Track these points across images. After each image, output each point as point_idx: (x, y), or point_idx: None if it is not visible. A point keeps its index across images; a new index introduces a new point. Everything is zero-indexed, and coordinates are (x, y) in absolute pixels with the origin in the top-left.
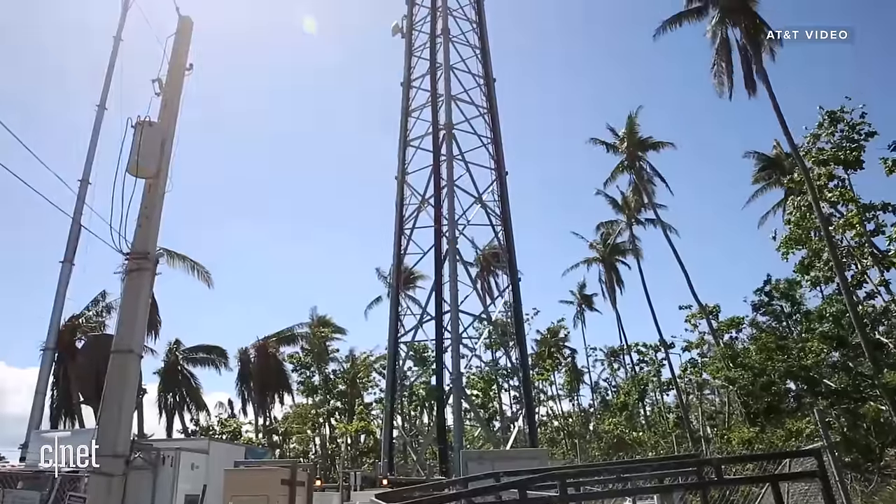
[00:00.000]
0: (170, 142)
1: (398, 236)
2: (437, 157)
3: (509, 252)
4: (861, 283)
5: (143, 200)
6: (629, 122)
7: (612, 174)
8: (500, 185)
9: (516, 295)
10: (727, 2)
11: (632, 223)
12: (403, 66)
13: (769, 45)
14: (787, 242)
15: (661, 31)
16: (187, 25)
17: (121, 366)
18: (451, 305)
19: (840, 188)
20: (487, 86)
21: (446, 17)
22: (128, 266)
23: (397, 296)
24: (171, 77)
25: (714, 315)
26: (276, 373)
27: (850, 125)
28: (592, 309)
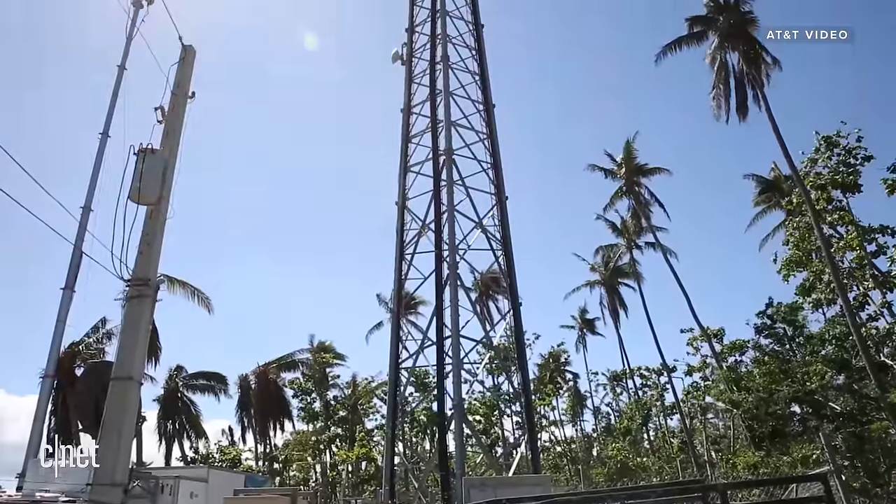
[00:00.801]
0: (172, 169)
1: (399, 261)
2: (438, 183)
3: (510, 276)
4: (863, 305)
5: (144, 227)
6: (627, 148)
7: (610, 199)
8: (500, 210)
9: (517, 320)
10: (727, 27)
11: (631, 247)
12: (404, 93)
13: (767, 69)
14: (787, 265)
15: (662, 55)
16: (190, 54)
17: (120, 393)
18: (453, 330)
19: (839, 210)
20: (487, 112)
21: (445, 44)
22: (128, 292)
23: (398, 321)
24: (173, 105)
25: (718, 338)
26: (276, 399)
27: (846, 150)
28: (594, 333)
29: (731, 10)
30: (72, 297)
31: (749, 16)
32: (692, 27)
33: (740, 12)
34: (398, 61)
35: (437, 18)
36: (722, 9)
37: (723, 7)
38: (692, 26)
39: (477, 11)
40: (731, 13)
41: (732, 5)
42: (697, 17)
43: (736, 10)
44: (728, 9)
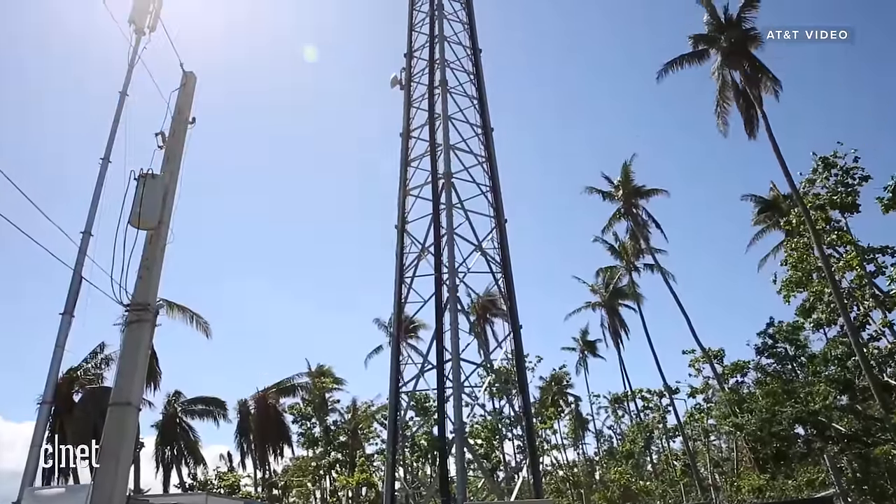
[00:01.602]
0: (172, 194)
1: (398, 285)
2: (437, 206)
3: (510, 299)
4: (864, 324)
5: (144, 252)
6: (624, 170)
7: (609, 221)
8: (499, 233)
9: (518, 342)
10: (728, 46)
11: (630, 269)
12: (402, 117)
13: (772, 85)
14: (787, 285)
15: (664, 73)
16: (191, 81)
17: (119, 419)
18: (453, 354)
19: (838, 230)
20: (485, 135)
21: (444, 68)
22: (128, 317)
23: (398, 345)
24: (174, 130)
25: (718, 359)
26: (275, 424)
27: (843, 170)
28: (595, 355)
29: (732, 28)
30: (71, 323)
31: (752, 32)
32: (696, 45)
33: (742, 30)
34: (397, 86)
35: (436, 44)
36: (723, 27)
37: (724, 26)
38: (696, 44)
39: (475, 37)
40: (733, 31)
41: (734, 23)
42: (700, 36)
43: (737, 28)
44: (730, 27)
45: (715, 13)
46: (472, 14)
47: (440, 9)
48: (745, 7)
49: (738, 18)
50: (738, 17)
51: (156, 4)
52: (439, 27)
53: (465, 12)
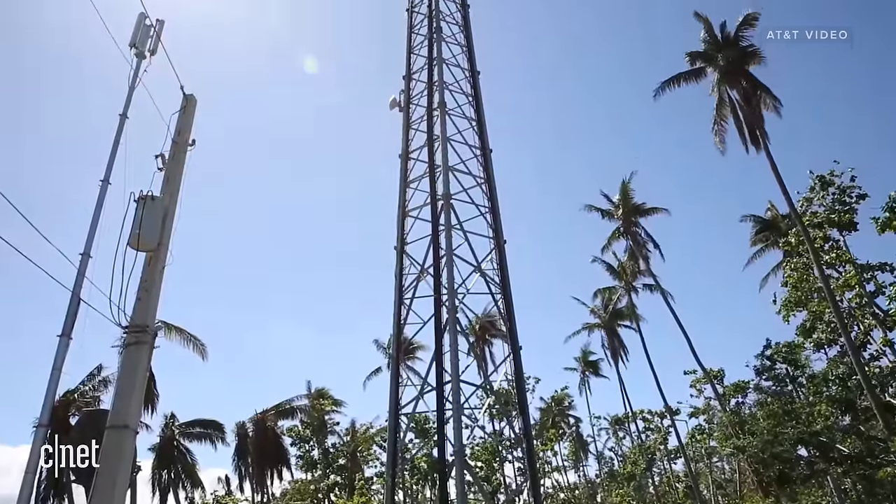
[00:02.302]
0: (171, 216)
1: (398, 306)
2: (436, 227)
3: (510, 320)
4: (865, 344)
5: (143, 274)
6: (623, 189)
7: (608, 241)
8: (498, 254)
9: (518, 364)
10: (726, 65)
11: (630, 290)
12: (402, 139)
13: (771, 102)
14: (787, 305)
15: (660, 91)
16: (191, 103)
17: (116, 442)
18: (453, 375)
19: (836, 249)
20: (484, 156)
21: (442, 91)
22: (126, 339)
23: (397, 366)
24: (174, 153)
25: (719, 380)
26: (274, 447)
27: (840, 189)
28: (598, 375)
29: (729, 46)
30: (68, 345)
31: (750, 50)
32: (693, 62)
33: (739, 48)
34: (396, 108)
35: (434, 66)
36: (720, 45)
37: (721, 44)
38: (692, 62)
39: (473, 59)
40: (730, 50)
41: (732, 41)
42: (696, 53)
43: (735, 47)
44: (727, 45)
45: (712, 31)
46: (470, 37)
47: (438, 32)
48: (742, 25)
49: (735, 37)
50: (736, 36)
51: (157, 28)
52: (438, 50)
53: (464, 35)
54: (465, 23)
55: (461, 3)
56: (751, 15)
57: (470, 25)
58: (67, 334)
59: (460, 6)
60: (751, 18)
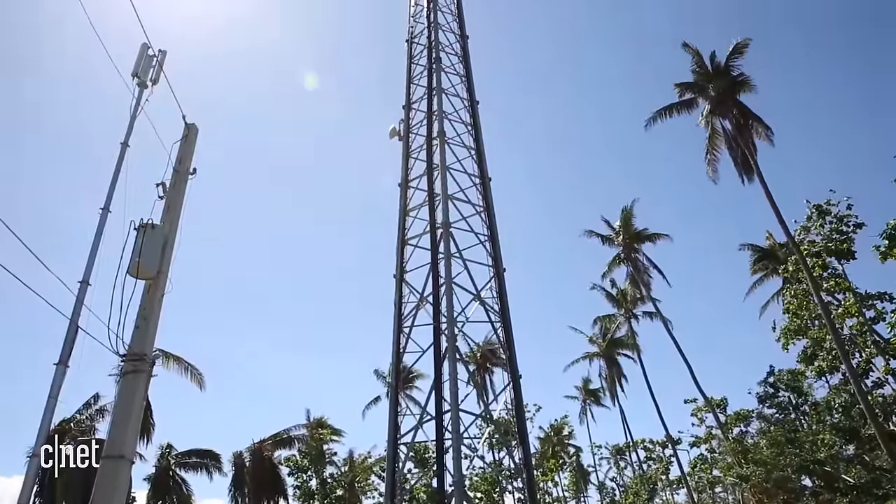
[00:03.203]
0: (171, 244)
1: (397, 335)
2: (436, 255)
3: (510, 349)
4: (867, 371)
5: (142, 302)
6: (624, 215)
7: (608, 267)
8: (498, 282)
9: (518, 393)
10: (716, 95)
11: (630, 317)
12: (401, 168)
13: (763, 131)
14: (786, 333)
15: (652, 121)
16: (192, 132)
17: (111, 472)
18: (452, 404)
19: (835, 276)
20: (483, 185)
21: (442, 120)
22: (124, 368)
23: (396, 395)
24: (174, 181)
25: (721, 408)
26: (271, 477)
27: (838, 217)
28: (599, 404)
29: (720, 76)
30: (65, 373)
31: (740, 79)
32: (682, 94)
33: (730, 77)
34: (395, 137)
35: (434, 96)
36: (710, 76)
37: (711, 74)
38: (682, 93)
39: (472, 89)
40: (720, 80)
41: (722, 71)
42: (686, 84)
43: (725, 76)
44: (717, 75)
45: (702, 61)
46: (469, 67)
47: (438, 62)
48: (732, 55)
49: (725, 67)
50: (726, 66)
51: (159, 58)
52: (437, 80)
53: (463, 66)
54: (464, 53)
55: (460, 34)
56: (741, 43)
57: (469, 56)
58: (64, 362)
59: (459, 38)
60: (741, 46)
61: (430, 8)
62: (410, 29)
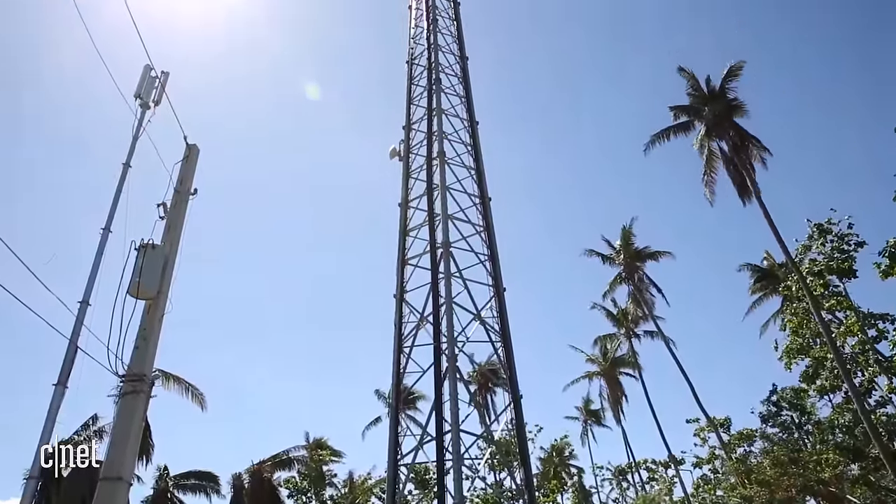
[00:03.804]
0: (172, 264)
1: (397, 355)
2: (436, 275)
3: (510, 369)
4: (870, 391)
5: (141, 322)
6: (624, 234)
7: (609, 286)
8: (498, 302)
9: (518, 413)
10: (713, 117)
11: (630, 336)
12: (401, 188)
13: (758, 153)
14: (788, 352)
15: (651, 144)
16: (194, 153)
17: (109, 495)
18: (452, 425)
19: (836, 295)
20: (483, 205)
21: (441, 140)
22: (123, 388)
23: (397, 416)
24: (175, 202)
25: (725, 428)
26: (270, 499)
27: (838, 236)
28: (600, 424)
29: (715, 99)
30: (64, 394)
31: (735, 102)
32: (677, 116)
33: (726, 100)
34: (396, 157)
35: (434, 117)
36: (706, 99)
37: (707, 97)
38: (677, 116)
39: (471, 109)
40: (716, 103)
41: (717, 94)
42: (682, 107)
43: (721, 100)
44: (713, 98)
45: (697, 85)
46: (468, 88)
47: (438, 83)
48: (727, 77)
49: (721, 90)
50: (722, 88)
51: (162, 80)
52: (437, 101)
53: (462, 86)
54: (463, 75)
55: (460, 56)
56: (735, 66)
57: (468, 77)
58: (63, 383)
59: (459, 59)
60: (735, 69)
61: (430, 30)
62: (410, 50)
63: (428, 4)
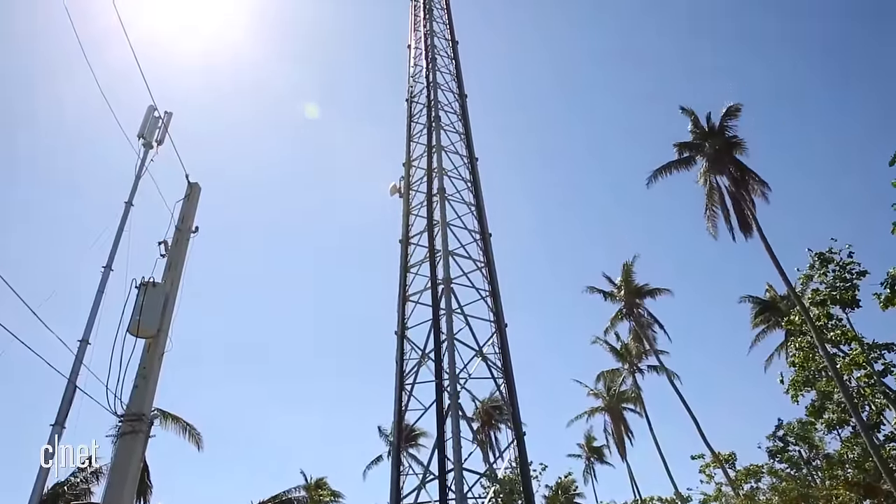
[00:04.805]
0: (172, 302)
1: (399, 392)
2: (437, 311)
3: (513, 405)
4: (878, 424)
5: (141, 360)
6: (625, 271)
7: (611, 322)
8: (500, 338)
9: (522, 450)
10: (713, 153)
11: (634, 371)
12: (402, 224)
13: (759, 188)
14: (794, 385)
15: (653, 179)
16: (195, 191)
17: None
18: (455, 463)
19: (840, 327)
20: (484, 241)
21: (441, 177)
22: (121, 428)
23: (398, 454)
24: (176, 239)
25: (730, 463)
26: None
27: (840, 265)
28: (603, 462)
29: (715, 136)
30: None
31: (734, 139)
32: (681, 152)
33: (725, 137)
34: (396, 194)
35: (433, 154)
36: (706, 135)
37: (707, 133)
38: (680, 151)
39: (471, 146)
40: (716, 139)
41: (717, 131)
42: (684, 144)
43: (721, 136)
44: (713, 135)
45: (698, 122)
46: (468, 125)
47: (437, 121)
48: (726, 116)
49: (720, 127)
50: (721, 126)
51: (165, 120)
52: (437, 138)
53: (462, 123)
54: (462, 112)
55: (458, 93)
56: (733, 107)
57: (468, 114)
58: (61, 423)
59: (458, 96)
60: (734, 110)
61: (430, 68)
62: (410, 88)
63: (427, 44)
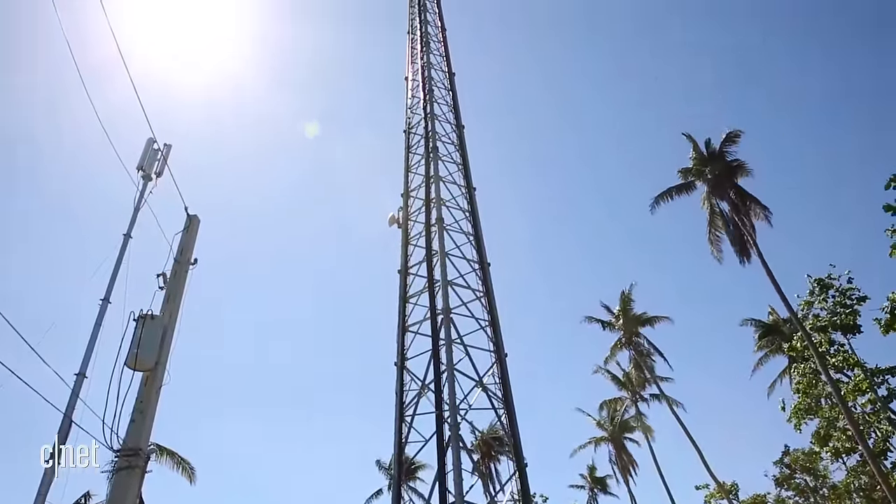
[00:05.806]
0: (171, 334)
1: (399, 424)
2: (436, 342)
3: (514, 436)
4: (885, 451)
5: (138, 394)
6: (623, 299)
7: (611, 351)
8: (500, 368)
9: (524, 481)
10: (714, 178)
11: (636, 400)
12: (401, 255)
13: (761, 212)
14: (797, 413)
15: (655, 204)
16: (195, 223)
17: None
18: (456, 496)
19: (843, 353)
20: (483, 270)
21: (440, 207)
22: (117, 463)
23: (399, 488)
24: (175, 272)
25: (734, 494)
26: None
27: (840, 291)
28: (607, 493)
29: (715, 161)
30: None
31: (735, 163)
32: (685, 177)
33: (725, 162)
34: (394, 225)
35: (432, 184)
36: (707, 161)
37: (707, 159)
38: (684, 177)
39: (469, 176)
40: (716, 164)
41: (717, 156)
42: (686, 169)
43: (721, 161)
44: (713, 160)
45: (698, 148)
46: (465, 155)
47: (435, 151)
48: (725, 142)
49: (720, 152)
50: (721, 151)
51: (164, 152)
52: (434, 169)
53: (459, 154)
54: (460, 142)
55: (456, 124)
56: (733, 133)
57: (465, 145)
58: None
59: (455, 127)
60: (733, 136)
61: (427, 100)
62: (408, 120)
63: (424, 76)
